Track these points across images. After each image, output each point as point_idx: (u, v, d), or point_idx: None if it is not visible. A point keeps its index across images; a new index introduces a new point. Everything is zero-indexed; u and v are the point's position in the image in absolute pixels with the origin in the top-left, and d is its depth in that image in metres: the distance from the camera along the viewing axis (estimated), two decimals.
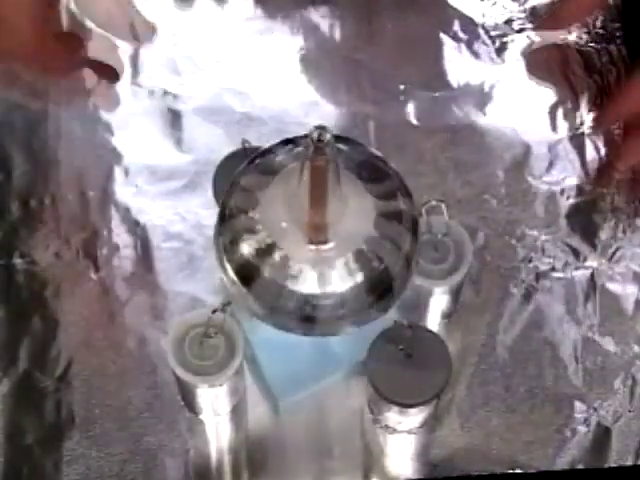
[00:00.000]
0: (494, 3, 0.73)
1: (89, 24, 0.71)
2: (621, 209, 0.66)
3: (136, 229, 0.64)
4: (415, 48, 0.72)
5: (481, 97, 0.70)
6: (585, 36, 0.73)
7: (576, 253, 0.65)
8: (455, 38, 0.73)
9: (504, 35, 0.73)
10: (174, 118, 0.68)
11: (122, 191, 0.66)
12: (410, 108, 0.70)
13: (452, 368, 0.55)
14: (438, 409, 0.58)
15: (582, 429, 0.60)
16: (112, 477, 0.58)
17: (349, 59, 0.71)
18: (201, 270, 0.63)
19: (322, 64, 0.71)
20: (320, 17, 0.73)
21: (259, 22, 0.73)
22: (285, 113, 0.69)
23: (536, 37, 0.73)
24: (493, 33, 0.73)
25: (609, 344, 0.62)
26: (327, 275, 0.50)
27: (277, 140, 0.53)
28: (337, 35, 0.72)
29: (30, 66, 0.66)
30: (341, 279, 0.50)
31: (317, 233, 0.49)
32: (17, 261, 0.63)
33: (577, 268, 0.64)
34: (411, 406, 0.55)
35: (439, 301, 0.60)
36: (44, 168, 0.66)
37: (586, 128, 0.69)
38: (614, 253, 0.65)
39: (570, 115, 0.70)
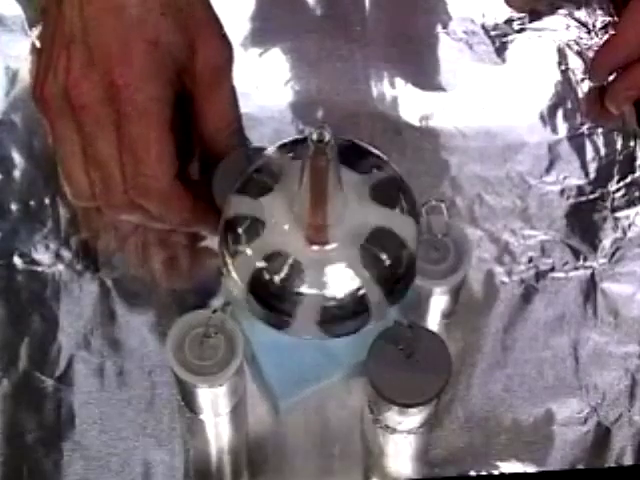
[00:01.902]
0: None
1: None
2: (621, 209, 0.67)
3: (136, 229, 0.64)
4: (415, 48, 0.72)
5: (481, 97, 0.70)
6: (585, 36, 0.73)
7: (576, 253, 0.65)
8: (455, 38, 0.73)
9: (504, 35, 0.73)
10: None
11: None
12: (410, 108, 0.70)
13: (452, 368, 0.55)
14: (438, 409, 0.58)
15: (582, 429, 0.60)
16: (112, 477, 0.58)
17: (349, 59, 0.71)
18: (201, 270, 0.63)
19: (322, 64, 0.71)
20: (320, 17, 0.73)
21: (259, 22, 0.73)
22: (285, 113, 0.69)
23: (536, 37, 0.73)
24: (493, 33, 0.73)
25: (609, 344, 0.62)
26: (328, 276, 0.50)
27: (277, 140, 0.53)
28: (337, 35, 0.72)
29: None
30: (342, 280, 0.50)
31: (318, 234, 0.49)
32: (17, 261, 0.63)
33: (577, 268, 0.64)
34: (411, 406, 0.55)
35: (439, 301, 0.60)
36: (44, 168, 0.66)
37: (586, 128, 0.69)
38: (614, 253, 0.65)
39: (570, 115, 0.70)
